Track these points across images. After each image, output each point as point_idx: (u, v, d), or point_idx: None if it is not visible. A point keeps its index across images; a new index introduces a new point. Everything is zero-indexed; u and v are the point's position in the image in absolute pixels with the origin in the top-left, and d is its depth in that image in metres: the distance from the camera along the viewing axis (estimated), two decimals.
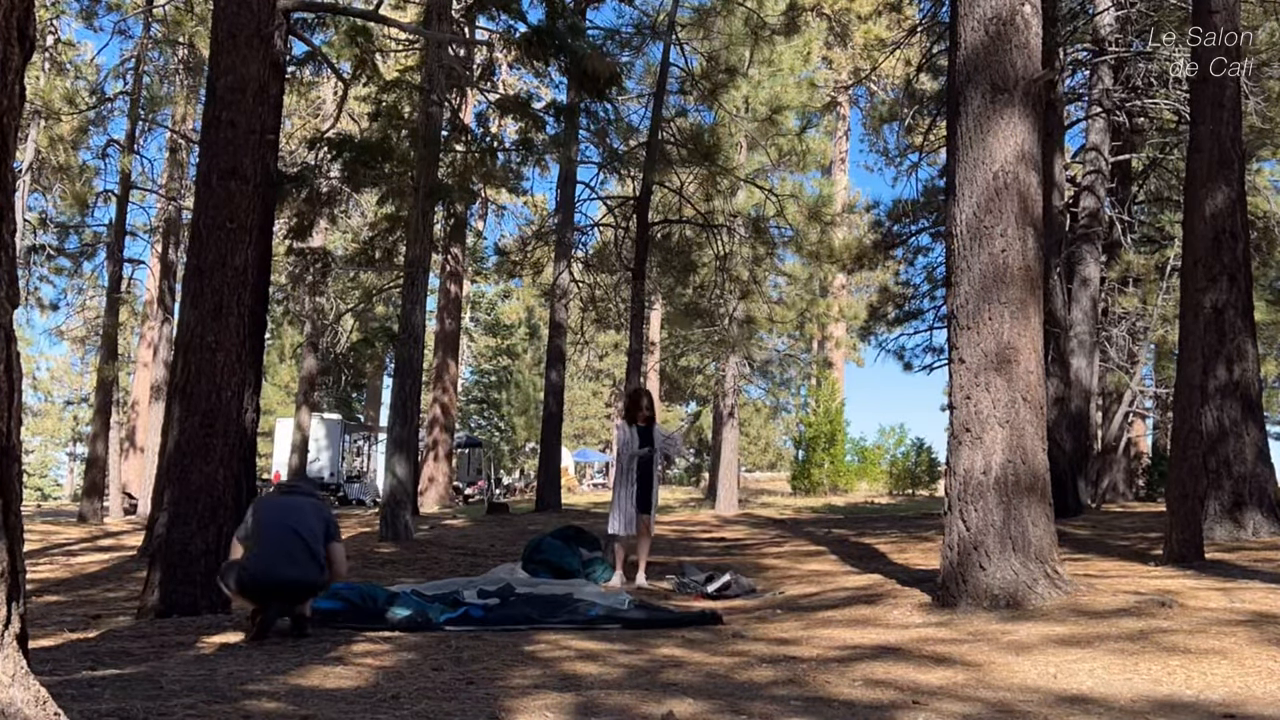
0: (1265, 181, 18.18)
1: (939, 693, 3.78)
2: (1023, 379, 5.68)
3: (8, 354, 2.45)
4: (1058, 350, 13.62)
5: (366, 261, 15.89)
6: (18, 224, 9.02)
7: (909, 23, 19.02)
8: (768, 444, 49.77)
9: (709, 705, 3.61)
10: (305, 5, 11.64)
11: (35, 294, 25.22)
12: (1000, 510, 5.55)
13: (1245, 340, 8.97)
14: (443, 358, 25.37)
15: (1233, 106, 8.84)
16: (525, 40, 11.82)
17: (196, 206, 6.68)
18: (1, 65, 2.43)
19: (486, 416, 49.61)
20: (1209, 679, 3.78)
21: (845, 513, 18.68)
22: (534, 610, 6.07)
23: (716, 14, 17.70)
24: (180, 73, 20.75)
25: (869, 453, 29.48)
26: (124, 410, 27.57)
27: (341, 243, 23.95)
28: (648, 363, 25.11)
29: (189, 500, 6.13)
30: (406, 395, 12.80)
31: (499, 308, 47.52)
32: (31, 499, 45.71)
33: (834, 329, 28.47)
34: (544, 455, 18.69)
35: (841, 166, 33.34)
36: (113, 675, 4.04)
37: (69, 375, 53.93)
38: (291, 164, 15.78)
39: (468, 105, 20.72)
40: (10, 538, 2.44)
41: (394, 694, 3.79)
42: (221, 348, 6.22)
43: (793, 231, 19.17)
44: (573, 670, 4.36)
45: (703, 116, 19.43)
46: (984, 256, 5.79)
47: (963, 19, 6.11)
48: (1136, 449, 20.99)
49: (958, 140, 6.04)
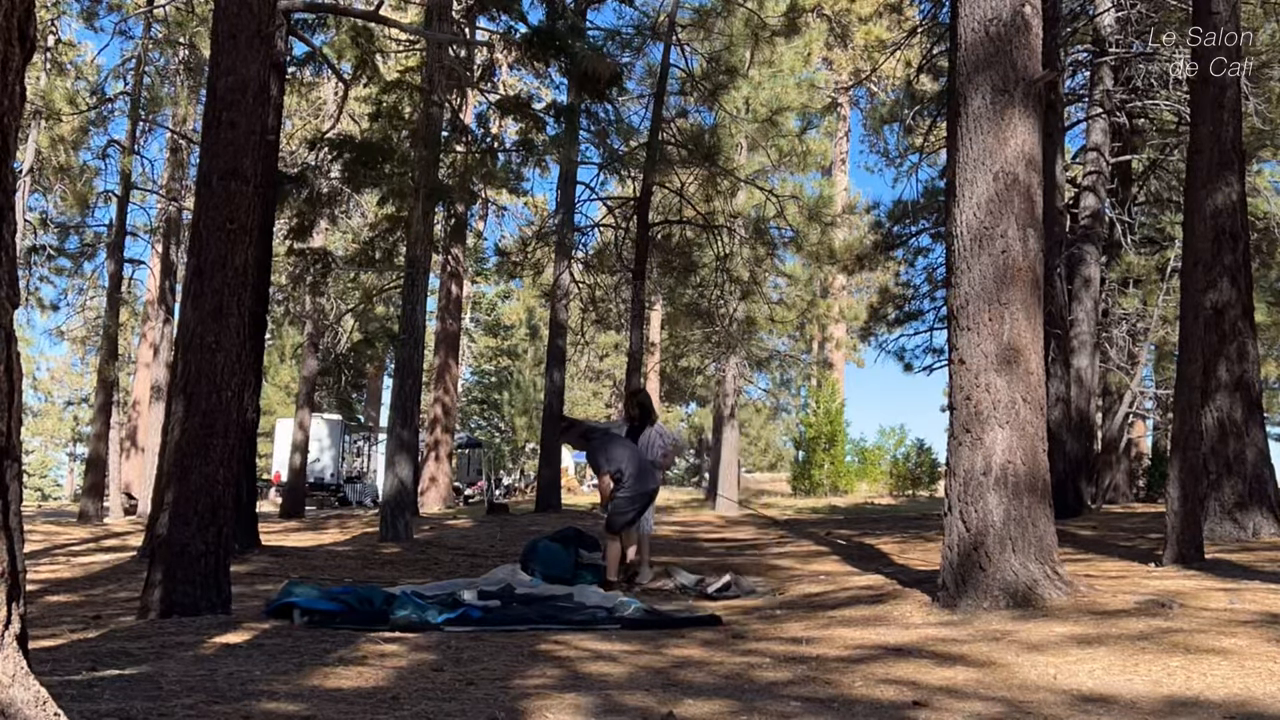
0: (1265, 182, 18.16)
1: (956, 692, 3.78)
2: (1023, 380, 5.68)
3: (8, 354, 2.45)
4: (1058, 351, 13.62)
5: (367, 262, 15.90)
6: (18, 224, 9.02)
7: (909, 24, 19.03)
8: (768, 445, 49.73)
9: (726, 705, 3.61)
10: (306, 6, 11.67)
11: (35, 294, 25.22)
12: (1000, 511, 5.55)
13: (1246, 341, 8.97)
14: (443, 358, 25.37)
15: (1233, 107, 8.84)
16: (526, 41, 11.83)
17: (197, 207, 6.67)
18: (2, 65, 2.43)
19: (487, 417, 49.59)
20: (1214, 678, 3.78)
21: (847, 513, 18.67)
22: (534, 611, 6.07)
23: (717, 15, 17.71)
24: (181, 73, 20.76)
25: (869, 454, 29.46)
26: (124, 410, 27.58)
27: (342, 243, 23.95)
28: (648, 363, 25.12)
29: (189, 500, 6.13)
30: (407, 395, 12.80)
31: (499, 308, 47.50)
32: (31, 499, 45.70)
33: (834, 330, 28.45)
34: (544, 456, 18.69)
35: (842, 167, 33.33)
36: (113, 675, 4.03)
37: (69, 375, 53.92)
38: (292, 164, 15.80)
39: (468, 106, 20.73)
40: (10, 538, 2.44)
41: (394, 694, 3.79)
42: (221, 348, 6.22)
43: (793, 232, 19.17)
44: (578, 670, 4.36)
45: (703, 117, 19.44)
46: (984, 257, 5.79)
47: (963, 19, 6.11)
48: (1137, 449, 20.98)
49: (958, 141, 6.04)
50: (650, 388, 26.53)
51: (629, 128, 17.52)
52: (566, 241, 18.51)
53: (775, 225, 19.21)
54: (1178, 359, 7.92)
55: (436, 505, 23.58)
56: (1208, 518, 8.34)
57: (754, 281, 20.14)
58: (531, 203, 32.97)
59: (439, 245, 19.03)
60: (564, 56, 11.73)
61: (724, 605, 6.72)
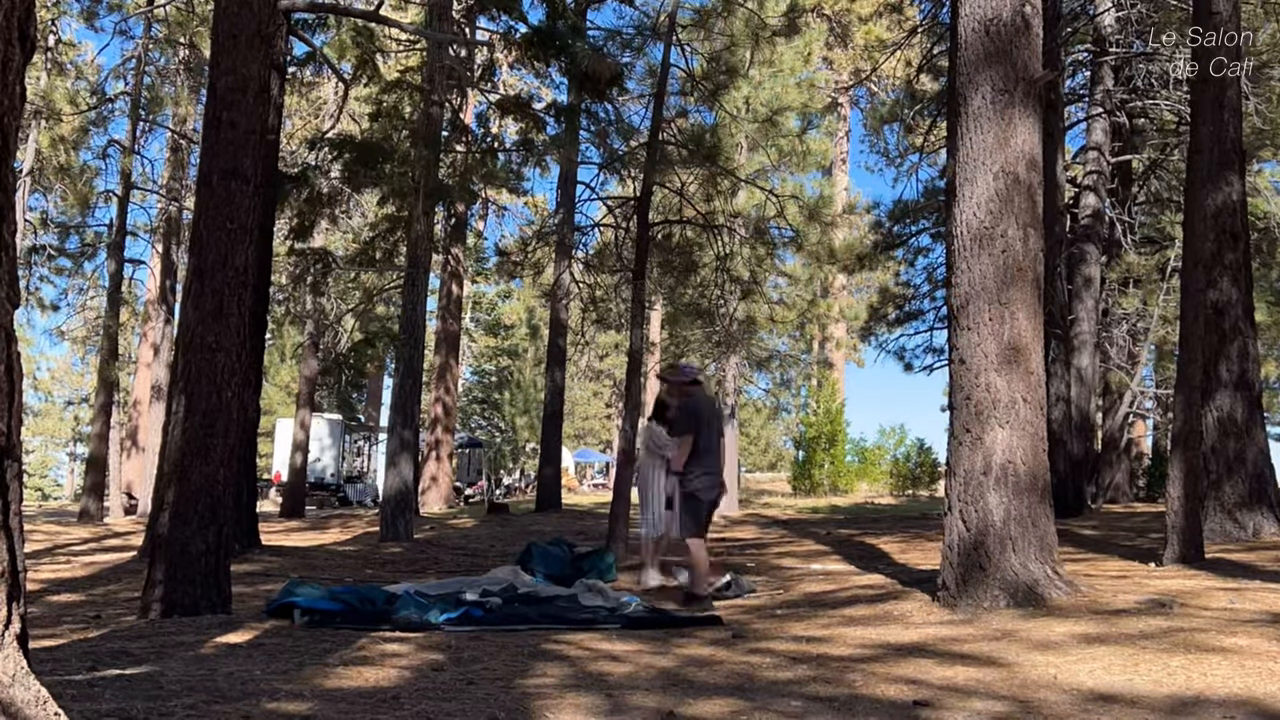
0: (1266, 182, 18.16)
1: (959, 690, 3.78)
2: (1023, 379, 5.68)
3: (8, 354, 2.45)
4: (1059, 350, 13.62)
5: (367, 261, 15.88)
6: (18, 224, 9.02)
7: (909, 24, 19.03)
8: (768, 444, 49.76)
9: (732, 704, 3.61)
10: (306, 6, 11.68)
11: (36, 294, 25.20)
12: (1000, 511, 5.55)
13: (1246, 340, 8.97)
14: (444, 358, 25.37)
15: (1233, 107, 8.84)
16: (526, 41, 11.84)
17: (197, 207, 6.68)
18: (2, 65, 2.43)
19: (487, 417, 49.60)
20: (1215, 677, 3.78)
21: (849, 513, 18.67)
22: (536, 611, 6.07)
23: (717, 15, 17.69)
24: (181, 73, 20.76)
25: (869, 453, 29.46)
26: (125, 410, 27.59)
27: (342, 243, 23.94)
28: (648, 363, 25.09)
29: (189, 500, 6.13)
30: (407, 395, 12.80)
31: (499, 308, 47.50)
32: (32, 499, 45.70)
33: (834, 329, 28.42)
34: (545, 455, 18.69)
35: (842, 167, 33.33)
36: (113, 675, 4.04)
37: (69, 375, 53.93)
38: (292, 164, 15.80)
39: (468, 106, 20.73)
40: (10, 538, 2.44)
41: (395, 694, 3.79)
42: (222, 348, 6.22)
43: (793, 232, 19.15)
44: (582, 670, 4.36)
45: (703, 117, 19.41)
46: (985, 257, 5.78)
47: (963, 19, 6.11)
48: (1137, 449, 20.98)
49: (958, 141, 6.04)
50: (650, 387, 26.46)
51: (629, 128, 17.49)
52: (566, 241, 18.52)
53: (775, 225, 19.20)
54: (1178, 359, 7.92)
55: (437, 505, 23.58)
56: (1208, 517, 8.34)
57: (754, 281, 20.12)
58: (531, 203, 32.98)
59: (439, 245, 19.02)
60: (564, 56, 11.73)
61: (725, 605, 6.71)
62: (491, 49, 15.50)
